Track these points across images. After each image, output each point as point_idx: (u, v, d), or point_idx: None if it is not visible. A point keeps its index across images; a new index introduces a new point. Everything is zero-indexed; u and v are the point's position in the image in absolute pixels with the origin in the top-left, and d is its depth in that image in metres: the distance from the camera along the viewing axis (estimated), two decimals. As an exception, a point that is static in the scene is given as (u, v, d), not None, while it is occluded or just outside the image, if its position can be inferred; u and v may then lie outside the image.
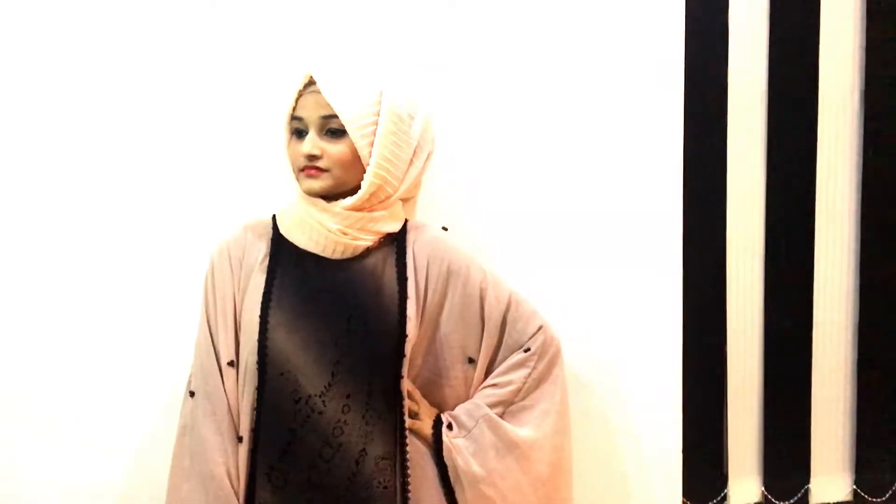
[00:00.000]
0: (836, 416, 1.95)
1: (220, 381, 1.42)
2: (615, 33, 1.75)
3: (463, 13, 1.72)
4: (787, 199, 1.88)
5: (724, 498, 1.95)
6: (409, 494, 1.41)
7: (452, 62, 1.71)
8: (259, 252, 1.47)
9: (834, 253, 1.90)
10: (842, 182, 1.89)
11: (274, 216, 1.50)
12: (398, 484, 1.41)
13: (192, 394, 1.44)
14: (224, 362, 1.43)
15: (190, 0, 1.66)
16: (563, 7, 1.74)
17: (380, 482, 1.39)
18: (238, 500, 1.39)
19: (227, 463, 1.40)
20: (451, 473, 1.45)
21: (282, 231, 1.47)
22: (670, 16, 1.76)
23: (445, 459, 1.45)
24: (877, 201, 1.89)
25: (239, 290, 1.45)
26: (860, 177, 1.89)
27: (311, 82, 1.39)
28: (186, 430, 1.44)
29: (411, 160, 1.45)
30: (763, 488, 1.94)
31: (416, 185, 1.51)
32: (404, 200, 1.50)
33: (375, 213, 1.43)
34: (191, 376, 1.47)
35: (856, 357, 1.93)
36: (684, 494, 1.89)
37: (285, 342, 1.39)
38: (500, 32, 1.73)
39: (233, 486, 1.39)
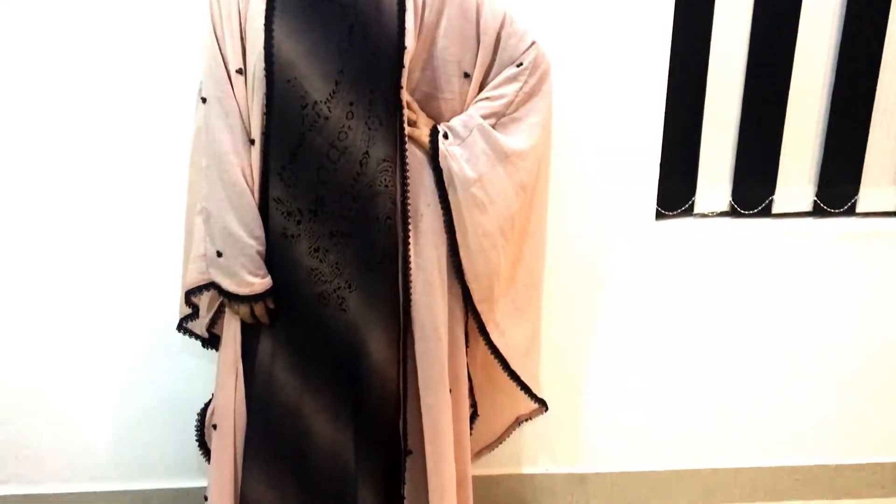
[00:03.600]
0: (807, 135, 2.03)
1: (230, 87, 1.50)
2: None
3: None
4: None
5: (692, 205, 2.11)
6: (408, 193, 1.55)
7: None
8: (261, -38, 1.48)
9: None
10: None
11: (273, -74, 1.49)
12: (398, 184, 1.55)
13: (203, 100, 1.54)
14: (232, 70, 1.50)
15: None
16: None
17: (381, 181, 1.53)
18: (253, 196, 1.53)
19: (242, 163, 1.52)
20: (445, 177, 1.57)
21: (282, -59, 1.47)
22: None
23: (441, 165, 1.57)
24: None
25: None
26: None
27: None
28: (201, 132, 1.56)
29: None
30: (731, 198, 2.10)
31: None
32: (402, -89, 1.49)
33: None
34: (201, 84, 1.56)
35: (833, 80, 1.98)
36: (658, 203, 2.06)
37: (290, 51, 1.45)
38: None
39: (248, 184, 1.52)
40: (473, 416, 1.86)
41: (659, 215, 2.08)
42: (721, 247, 2.09)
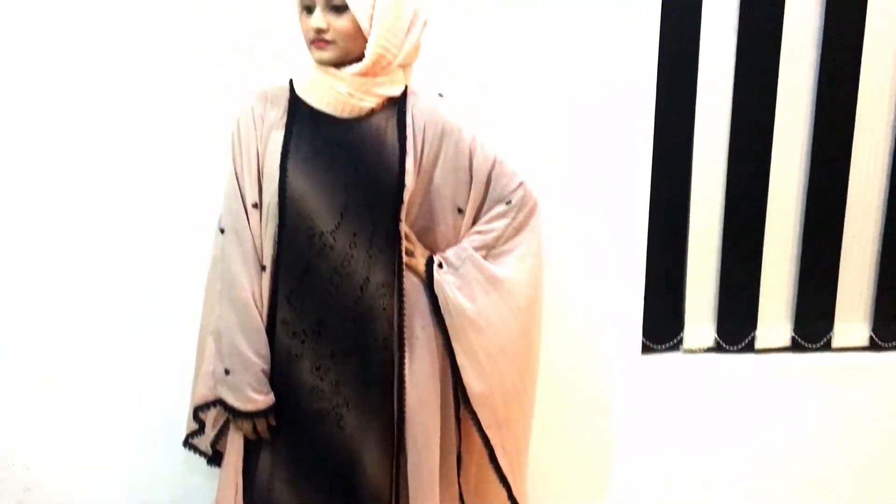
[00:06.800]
0: (782, 273, 2.18)
1: (247, 220, 1.66)
2: None
3: None
4: (754, 70, 2.08)
5: (680, 341, 2.22)
6: (405, 316, 1.67)
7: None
8: (278, 111, 1.67)
9: (794, 122, 2.11)
10: (807, 49, 2.08)
11: (290, 80, 1.70)
12: (395, 308, 1.67)
13: (222, 231, 1.69)
14: (249, 204, 1.66)
15: None
16: None
17: (380, 304, 1.65)
18: (262, 318, 1.65)
19: (252, 288, 1.65)
20: (441, 304, 1.69)
21: (298, 93, 1.67)
22: None
23: (436, 292, 1.69)
24: (835, 57, 2.07)
25: (261, 142, 1.66)
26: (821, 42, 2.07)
27: None
28: (217, 260, 1.71)
29: (409, 28, 1.61)
30: (715, 334, 2.21)
31: (416, 50, 1.67)
32: (405, 66, 1.68)
33: (378, 79, 1.62)
34: (221, 216, 1.72)
35: (803, 221, 2.14)
36: (644, 336, 2.17)
37: (301, 187, 1.62)
38: None
39: (257, 307, 1.65)
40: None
41: (647, 349, 2.18)
42: (705, 381, 2.18)
